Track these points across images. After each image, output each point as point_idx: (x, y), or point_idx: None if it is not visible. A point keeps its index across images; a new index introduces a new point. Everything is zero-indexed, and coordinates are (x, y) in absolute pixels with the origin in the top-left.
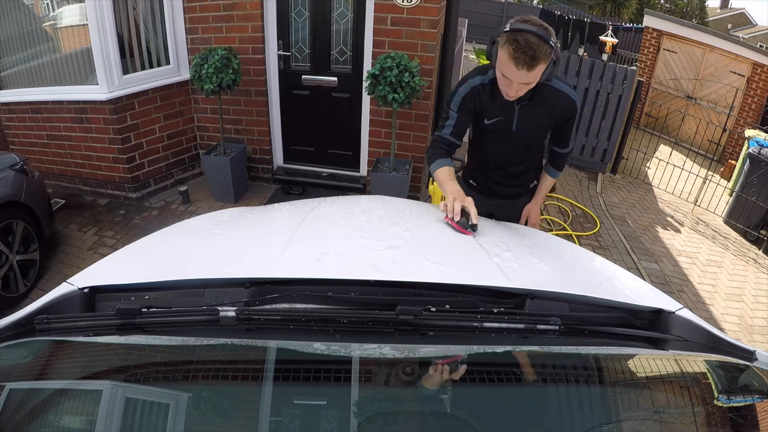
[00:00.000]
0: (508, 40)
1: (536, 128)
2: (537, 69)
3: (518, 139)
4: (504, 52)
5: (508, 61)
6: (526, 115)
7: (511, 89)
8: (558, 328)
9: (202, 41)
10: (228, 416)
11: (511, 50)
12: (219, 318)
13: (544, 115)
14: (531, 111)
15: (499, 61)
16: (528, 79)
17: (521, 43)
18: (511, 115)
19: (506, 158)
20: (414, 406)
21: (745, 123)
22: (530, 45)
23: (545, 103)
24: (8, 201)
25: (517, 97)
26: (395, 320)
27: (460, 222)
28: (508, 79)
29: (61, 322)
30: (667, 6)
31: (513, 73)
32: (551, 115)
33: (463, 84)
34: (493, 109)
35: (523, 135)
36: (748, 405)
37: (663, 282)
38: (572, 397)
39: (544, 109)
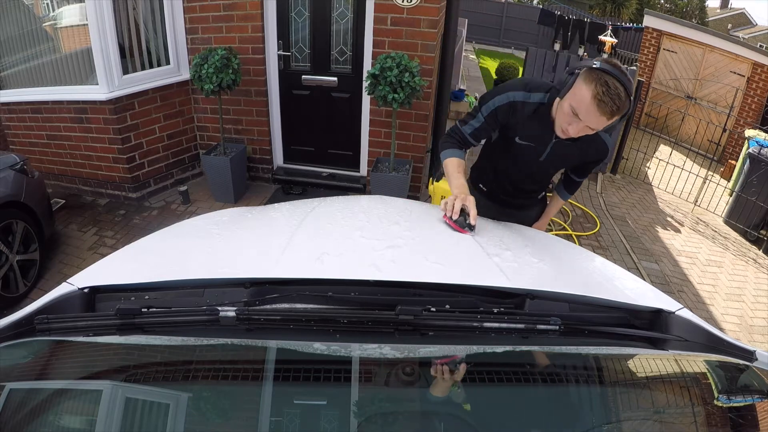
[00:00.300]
0: (598, 81)
1: (563, 162)
2: (614, 119)
3: (542, 167)
4: (588, 91)
5: (590, 102)
6: (558, 150)
7: (573, 128)
8: (558, 328)
9: (202, 41)
10: (228, 416)
11: (600, 92)
12: (219, 318)
13: (576, 153)
14: (565, 147)
15: (578, 97)
16: (599, 126)
17: (611, 90)
18: (543, 146)
19: (522, 178)
20: (414, 406)
21: (745, 123)
22: (619, 95)
23: (581, 143)
24: (8, 201)
25: (574, 136)
26: (395, 320)
27: (457, 221)
28: (578, 119)
29: (61, 322)
30: (667, 6)
31: (589, 114)
32: (582, 155)
33: (502, 94)
34: (527, 131)
35: (548, 165)
36: (748, 405)
37: (663, 282)
38: (572, 397)
39: (578, 147)
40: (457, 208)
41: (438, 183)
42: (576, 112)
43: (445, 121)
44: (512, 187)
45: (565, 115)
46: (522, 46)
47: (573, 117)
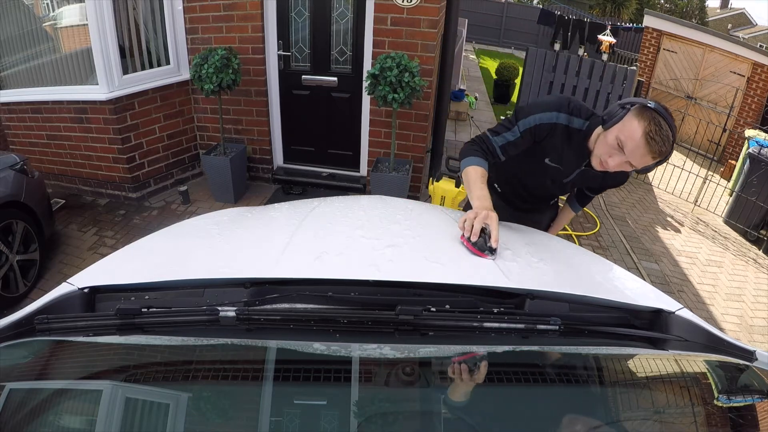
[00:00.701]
0: (652, 119)
1: (584, 184)
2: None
3: (563, 186)
4: (639, 127)
5: (639, 138)
6: (584, 176)
7: (614, 161)
8: (558, 328)
9: (202, 41)
10: (228, 416)
11: (652, 131)
12: (219, 318)
13: (599, 179)
14: (591, 175)
15: (627, 131)
16: (640, 164)
17: (663, 131)
18: (571, 171)
19: (540, 191)
20: (414, 406)
21: (745, 123)
22: (669, 138)
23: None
24: (8, 201)
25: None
26: (395, 320)
27: (476, 244)
28: (621, 153)
29: (61, 322)
30: (667, 6)
31: (636, 150)
32: (604, 181)
33: (548, 112)
34: (559, 154)
35: (569, 186)
36: (748, 405)
37: (663, 282)
38: (572, 397)
39: (602, 175)
40: (477, 229)
41: (438, 183)
42: (622, 145)
43: (445, 121)
44: (527, 193)
45: (609, 147)
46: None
47: (617, 150)
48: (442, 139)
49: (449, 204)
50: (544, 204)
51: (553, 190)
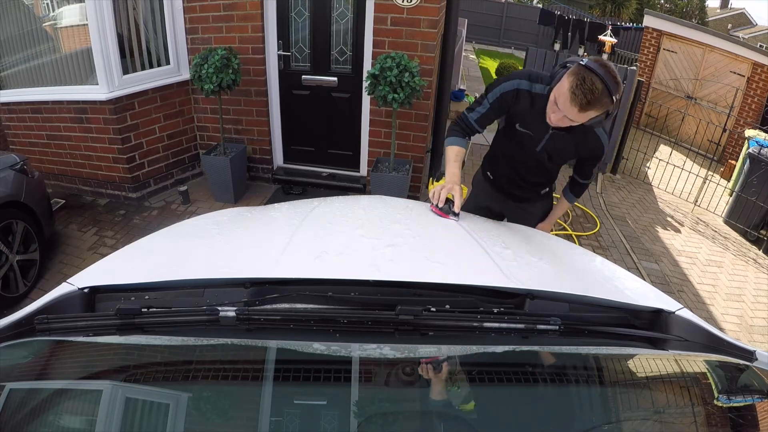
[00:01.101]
0: (576, 74)
1: (559, 155)
2: (587, 113)
3: (540, 155)
4: (567, 83)
5: (566, 92)
6: (554, 141)
7: (555, 117)
8: (558, 328)
9: (202, 41)
10: (228, 416)
11: (574, 84)
12: (219, 318)
13: (572, 147)
14: (561, 139)
15: (559, 87)
16: (575, 118)
17: (586, 83)
18: (541, 136)
19: (523, 167)
20: (414, 406)
21: (745, 123)
22: (593, 90)
23: (577, 138)
24: (8, 201)
25: (557, 125)
26: (395, 320)
27: (442, 208)
28: (557, 108)
29: (61, 322)
30: (667, 6)
31: (564, 104)
32: (578, 149)
33: (510, 81)
34: (528, 119)
35: (545, 157)
36: (748, 405)
37: (663, 282)
38: (572, 397)
39: (573, 142)
40: (443, 197)
41: (438, 183)
42: (556, 101)
43: (445, 121)
44: (516, 175)
45: (550, 104)
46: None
47: (554, 106)
48: (442, 139)
49: None
50: (535, 192)
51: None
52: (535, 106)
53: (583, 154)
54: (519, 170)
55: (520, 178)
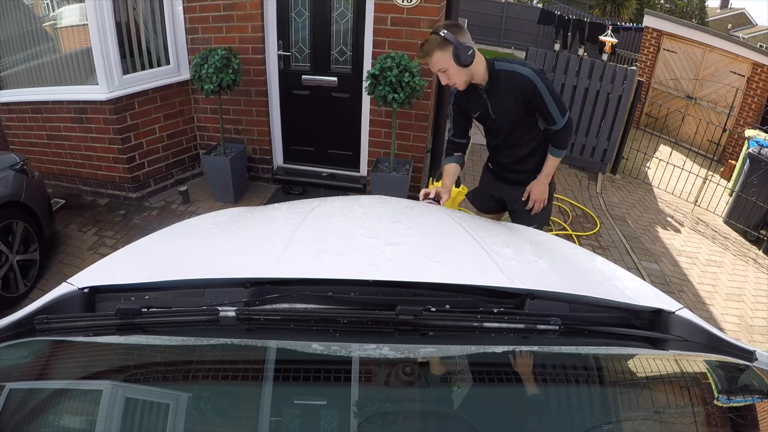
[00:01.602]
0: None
1: (508, 110)
2: (433, 58)
3: (500, 123)
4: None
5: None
6: (494, 101)
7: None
8: (558, 328)
9: (202, 41)
10: (228, 416)
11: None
12: (219, 318)
13: (509, 96)
14: (496, 96)
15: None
16: (434, 68)
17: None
18: (485, 105)
19: (502, 142)
20: (414, 406)
21: (745, 123)
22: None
23: (502, 86)
24: (8, 201)
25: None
26: (395, 320)
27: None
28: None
29: (61, 322)
30: (667, 6)
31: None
32: (515, 95)
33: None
34: (472, 104)
35: (502, 119)
36: (748, 405)
37: (663, 282)
38: (572, 397)
39: (504, 91)
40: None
41: (438, 183)
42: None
43: (445, 121)
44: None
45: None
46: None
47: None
48: (442, 139)
49: (449, 204)
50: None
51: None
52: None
53: (524, 97)
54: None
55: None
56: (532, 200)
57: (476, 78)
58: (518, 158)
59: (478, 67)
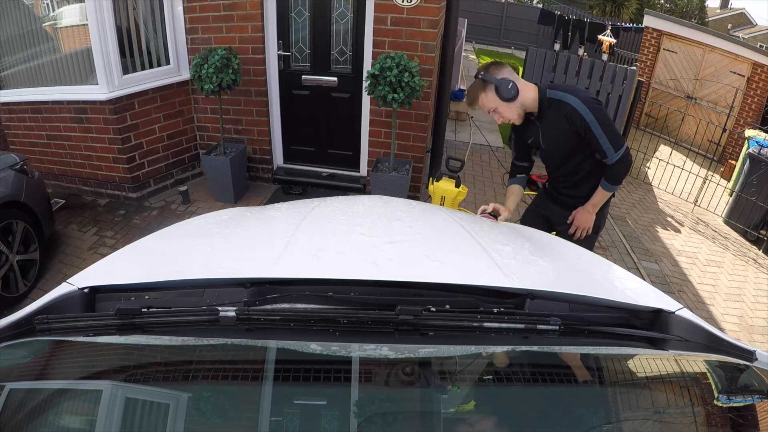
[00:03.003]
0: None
1: (558, 141)
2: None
3: (550, 152)
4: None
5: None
6: (545, 130)
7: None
8: (558, 328)
9: (202, 41)
10: (228, 416)
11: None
12: (219, 318)
13: (559, 127)
14: (546, 125)
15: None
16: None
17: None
18: (537, 133)
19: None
20: (414, 406)
21: (745, 123)
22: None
23: (552, 115)
24: (8, 201)
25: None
26: (395, 320)
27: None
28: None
29: (61, 322)
30: (667, 6)
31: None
32: (564, 127)
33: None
34: (527, 132)
35: (552, 149)
36: (748, 405)
37: (663, 282)
38: (572, 397)
39: (554, 121)
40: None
41: (438, 183)
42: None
43: (445, 121)
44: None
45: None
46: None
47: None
48: (442, 139)
49: (449, 204)
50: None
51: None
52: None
53: (569, 127)
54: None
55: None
56: (575, 226)
57: (528, 107)
58: (570, 184)
59: (527, 96)
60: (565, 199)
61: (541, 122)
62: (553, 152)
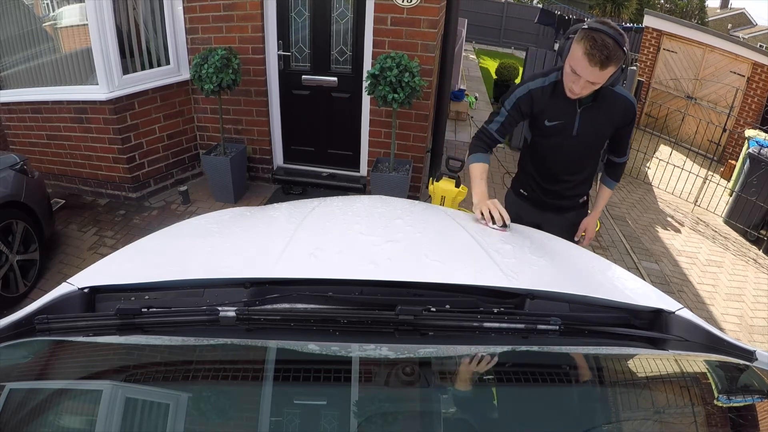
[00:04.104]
0: (585, 37)
1: (596, 133)
2: (607, 70)
3: (578, 143)
4: (579, 48)
5: (582, 57)
6: (587, 119)
7: (577, 86)
8: (558, 328)
9: (202, 41)
10: (228, 416)
11: (588, 47)
12: (219, 318)
13: (605, 119)
14: (592, 115)
15: (572, 55)
16: (596, 79)
17: (598, 42)
18: (572, 119)
19: (564, 166)
20: (414, 406)
21: (745, 123)
22: (606, 45)
23: (606, 107)
24: (8, 201)
25: (581, 95)
26: (395, 320)
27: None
28: (577, 75)
29: (61, 322)
30: (667, 6)
31: (584, 69)
32: (611, 120)
33: (521, 86)
34: (554, 111)
35: (583, 140)
36: (748, 405)
37: (663, 282)
38: (572, 397)
39: (604, 112)
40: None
41: (438, 183)
42: (574, 70)
43: (445, 121)
44: (555, 181)
45: (568, 75)
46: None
47: (574, 75)
48: (442, 139)
49: (449, 204)
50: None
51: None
52: (555, 94)
53: (618, 124)
54: (560, 173)
55: (560, 185)
56: (588, 238)
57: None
58: (573, 183)
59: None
60: (563, 202)
61: (589, 109)
62: (582, 142)
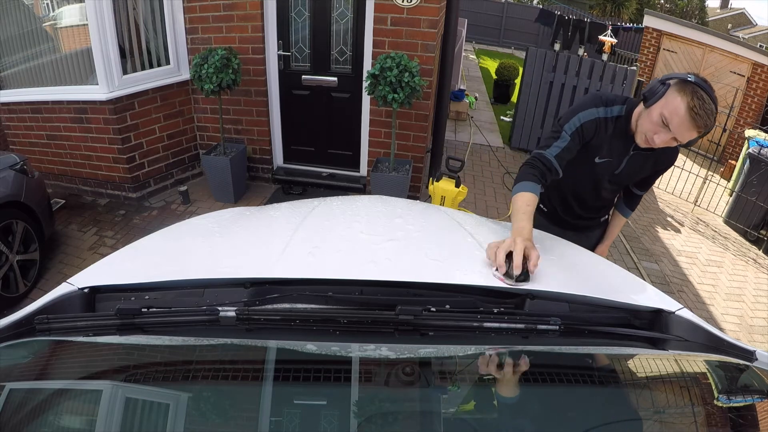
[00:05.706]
0: (694, 93)
1: (637, 174)
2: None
3: (616, 180)
4: (682, 102)
5: (684, 114)
6: (634, 162)
7: (660, 138)
8: (558, 328)
9: (202, 41)
10: (228, 416)
11: (696, 105)
12: (219, 318)
13: (650, 163)
14: (641, 159)
15: (671, 107)
16: (685, 139)
17: (706, 104)
18: (621, 159)
19: (592, 195)
20: (414, 406)
21: (745, 123)
22: (712, 111)
23: (658, 152)
24: (8, 201)
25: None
26: (395, 320)
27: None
28: (666, 129)
29: (61, 322)
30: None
31: (680, 125)
32: (655, 164)
33: (586, 110)
34: (608, 148)
35: (623, 178)
36: (748, 405)
37: (663, 282)
38: (572, 397)
39: (654, 157)
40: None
41: (438, 183)
42: (667, 122)
43: (445, 121)
44: (579, 204)
45: (653, 125)
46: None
47: (662, 127)
48: (442, 139)
49: (449, 204)
50: (595, 221)
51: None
52: (615, 130)
53: (660, 167)
54: (585, 199)
55: (583, 206)
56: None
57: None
58: (597, 208)
59: None
60: (583, 222)
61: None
62: (620, 179)
